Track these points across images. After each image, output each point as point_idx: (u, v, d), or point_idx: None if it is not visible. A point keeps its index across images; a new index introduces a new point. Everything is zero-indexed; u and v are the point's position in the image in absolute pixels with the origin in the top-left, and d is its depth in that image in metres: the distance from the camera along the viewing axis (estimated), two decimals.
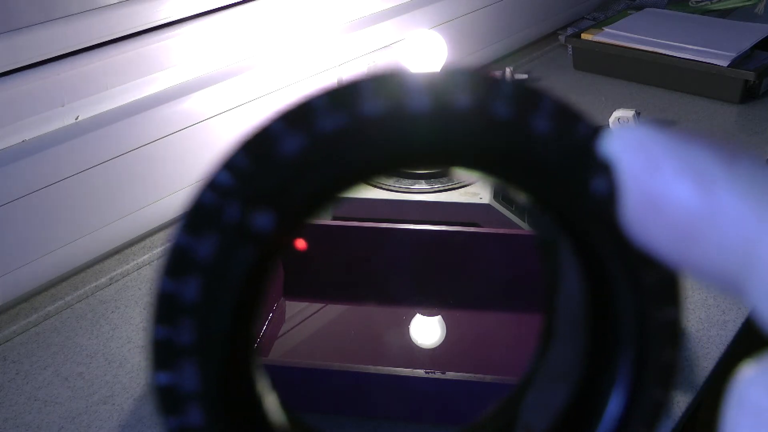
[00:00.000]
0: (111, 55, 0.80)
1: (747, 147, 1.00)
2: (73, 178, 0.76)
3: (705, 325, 0.71)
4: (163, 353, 0.16)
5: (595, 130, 0.16)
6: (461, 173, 0.17)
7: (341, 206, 0.81)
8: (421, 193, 0.80)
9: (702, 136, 0.15)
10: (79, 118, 0.79)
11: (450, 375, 0.57)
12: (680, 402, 0.63)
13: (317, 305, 0.74)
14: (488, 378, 0.56)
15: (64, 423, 0.64)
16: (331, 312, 0.73)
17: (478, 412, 0.22)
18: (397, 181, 0.82)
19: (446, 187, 0.80)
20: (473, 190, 0.80)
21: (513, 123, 0.16)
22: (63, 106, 0.77)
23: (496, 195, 0.79)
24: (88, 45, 0.78)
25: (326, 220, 0.81)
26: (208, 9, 0.89)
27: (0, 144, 0.73)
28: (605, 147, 0.16)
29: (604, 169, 0.16)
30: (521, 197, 0.17)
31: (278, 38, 0.97)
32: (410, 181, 0.82)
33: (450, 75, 0.16)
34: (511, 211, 0.78)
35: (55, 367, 0.70)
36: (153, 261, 0.86)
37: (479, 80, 0.16)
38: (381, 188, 0.81)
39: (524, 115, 0.16)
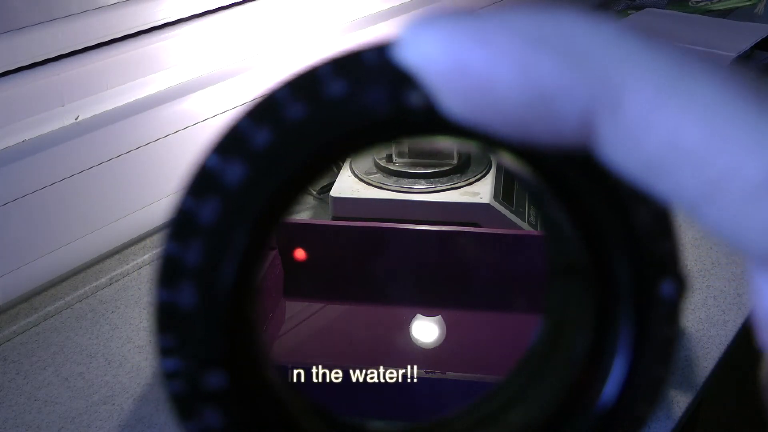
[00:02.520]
0: (111, 55, 0.80)
1: None
2: (72, 178, 0.76)
3: (705, 325, 0.71)
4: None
5: (382, 50, 0.15)
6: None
7: (342, 207, 0.81)
8: (421, 192, 0.80)
9: (507, 15, 0.14)
10: (79, 118, 0.79)
11: (450, 375, 0.57)
12: (680, 402, 0.63)
13: (317, 305, 0.74)
14: (488, 378, 0.56)
15: (64, 423, 0.64)
16: (331, 312, 0.73)
17: None
18: (397, 181, 0.82)
19: (446, 187, 0.80)
20: (474, 189, 0.80)
21: (312, 115, 0.15)
22: (63, 106, 0.77)
23: (497, 195, 0.79)
24: (88, 45, 0.78)
25: (326, 221, 0.81)
26: (208, 9, 0.89)
27: (0, 144, 0.73)
28: (405, 61, 0.15)
29: (411, 82, 0.15)
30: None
31: (278, 38, 0.97)
32: (410, 180, 0.82)
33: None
34: (512, 211, 0.78)
35: (55, 367, 0.70)
36: (153, 261, 0.85)
37: (260, 103, 0.16)
38: (381, 188, 0.81)
39: (315, 100, 0.15)
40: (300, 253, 0.74)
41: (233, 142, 0.16)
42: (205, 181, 0.16)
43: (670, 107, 0.13)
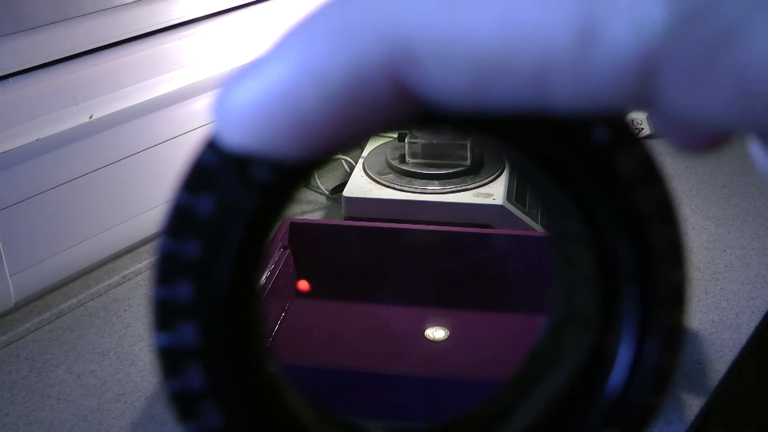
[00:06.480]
0: (125, 54, 0.80)
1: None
2: (86, 176, 0.76)
3: (718, 328, 0.70)
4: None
5: (212, 145, 0.15)
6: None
7: (354, 207, 0.81)
8: (434, 193, 0.80)
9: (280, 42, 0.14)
10: (93, 117, 0.79)
11: (461, 376, 0.57)
12: (692, 405, 0.62)
13: (326, 305, 0.74)
14: (500, 379, 0.56)
15: (76, 420, 0.64)
16: (340, 312, 0.73)
17: None
18: (410, 181, 0.82)
19: (459, 188, 0.80)
20: (487, 191, 0.80)
21: (209, 246, 0.15)
22: (77, 105, 0.77)
23: (510, 196, 0.79)
24: (102, 44, 0.78)
25: (338, 220, 0.81)
26: (223, 9, 0.89)
27: (14, 142, 0.73)
28: (230, 146, 0.14)
29: (248, 160, 0.15)
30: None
31: None
32: (423, 181, 0.82)
33: None
34: (525, 213, 0.78)
35: (67, 365, 0.70)
36: None
37: (159, 263, 0.16)
38: (394, 188, 0.81)
39: (201, 232, 0.15)
40: (303, 284, 0.74)
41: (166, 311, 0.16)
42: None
43: (456, 29, 0.13)
